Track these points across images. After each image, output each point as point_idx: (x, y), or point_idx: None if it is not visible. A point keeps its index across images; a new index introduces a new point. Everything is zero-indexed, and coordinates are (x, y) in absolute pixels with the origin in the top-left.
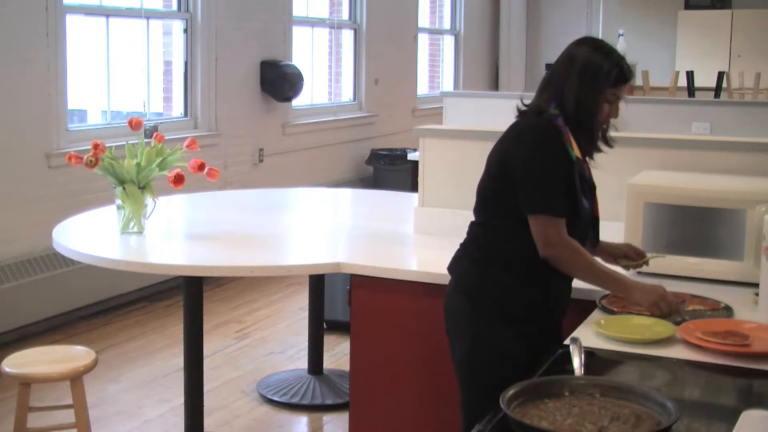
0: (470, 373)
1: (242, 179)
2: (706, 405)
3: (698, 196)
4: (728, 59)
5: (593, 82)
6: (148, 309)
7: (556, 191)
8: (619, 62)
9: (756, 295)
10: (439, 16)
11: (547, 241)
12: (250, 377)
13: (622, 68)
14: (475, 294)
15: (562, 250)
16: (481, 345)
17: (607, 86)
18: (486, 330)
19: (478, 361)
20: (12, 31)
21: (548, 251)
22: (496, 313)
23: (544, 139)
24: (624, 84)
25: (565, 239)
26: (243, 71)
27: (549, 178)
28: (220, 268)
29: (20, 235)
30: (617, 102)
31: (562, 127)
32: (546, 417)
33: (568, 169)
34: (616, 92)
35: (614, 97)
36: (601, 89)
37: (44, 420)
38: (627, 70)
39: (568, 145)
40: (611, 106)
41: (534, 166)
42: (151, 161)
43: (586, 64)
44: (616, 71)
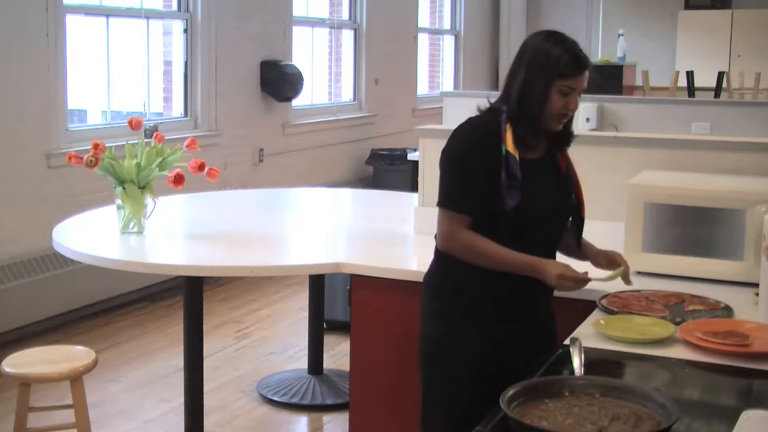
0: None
1: (242, 179)
2: (706, 405)
3: (698, 196)
4: (728, 59)
5: (540, 71)
6: (148, 309)
7: (456, 186)
8: (571, 50)
9: (756, 295)
10: (439, 16)
11: (442, 234)
12: (250, 377)
13: (574, 56)
14: (428, 286)
15: (455, 244)
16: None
17: (555, 75)
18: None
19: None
20: (12, 31)
21: (443, 244)
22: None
23: (459, 134)
24: (577, 74)
25: (458, 234)
26: (243, 71)
27: (453, 173)
28: (220, 268)
29: (20, 235)
30: (573, 94)
31: (502, 121)
32: (546, 417)
33: (491, 164)
34: (569, 83)
35: (567, 88)
36: (549, 78)
37: (44, 420)
38: (580, 59)
39: (500, 140)
40: (566, 98)
41: (443, 161)
42: (151, 161)
43: (534, 53)
44: (567, 58)
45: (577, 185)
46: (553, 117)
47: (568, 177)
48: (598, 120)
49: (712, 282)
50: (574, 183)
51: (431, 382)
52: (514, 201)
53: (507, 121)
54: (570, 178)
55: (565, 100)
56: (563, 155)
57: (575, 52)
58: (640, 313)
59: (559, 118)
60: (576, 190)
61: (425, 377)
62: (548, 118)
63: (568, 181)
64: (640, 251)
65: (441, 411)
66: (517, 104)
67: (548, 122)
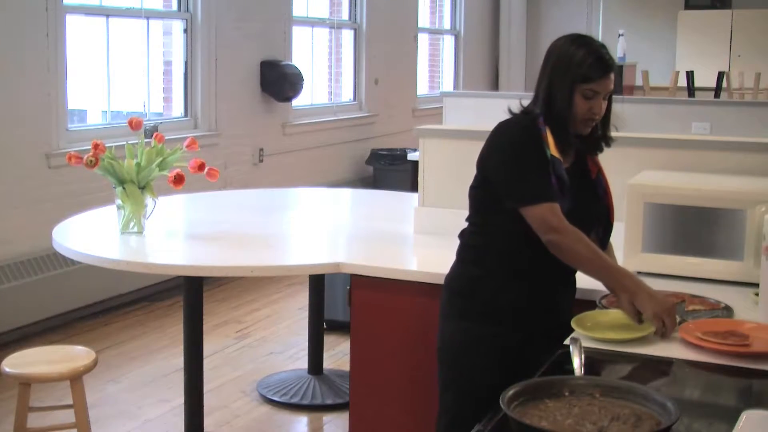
0: (441, 365)
1: (242, 179)
2: (706, 405)
3: (698, 196)
4: (728, 59)
5: (564, 74)
6: (148, 309)
7: (541, 180)
8: (595, 52)
9: (756, 295)
10: (439, 16)
11: (549, 226)
12: (250, 377)
13: (597, 58)
14: (448, 287)
15: (566, 235)
16: (449, 337)
17: (577, 79)
18: (455, 323)
19: (447, 355)
20: (12, 31)
21: (550, 236)
22: (462, 307)
23: (508, 133)
24: (600, 77)
25: (568, 224)
26: (243, 71)
27: (530, 168)
28: (220, 268)
29: (20, 235)
30: (597, 97)
31: (541, 125)
32: (546, 417)
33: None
34: (592, 87)
35: (590, 92)
36: (572, 82)
37: (44, 420)
38: (603, 61)
39: (545, 143)
40: (590, 101)
41: (512, 161)
42: (151, 161)
43: (558, 56)
44: (589, 61)
45: (608, 190)
46: (578, 121)
47: (598, 183)
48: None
49: (712, 282)
50: (605, 188)
51: (445, 384)
52: (567, 204)
53: (546, 124)
54: (600, 184)
55: (589, 104)
56: (593, 160)
57: (599, 54)
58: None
59: (586, 123)
60: (606, 195)
61: (440, 378)
62: (575, 122)
63: (598, 186)
64: (640, 251)
65: (455, 413)
66: (545, 109)
67: (575, 126)
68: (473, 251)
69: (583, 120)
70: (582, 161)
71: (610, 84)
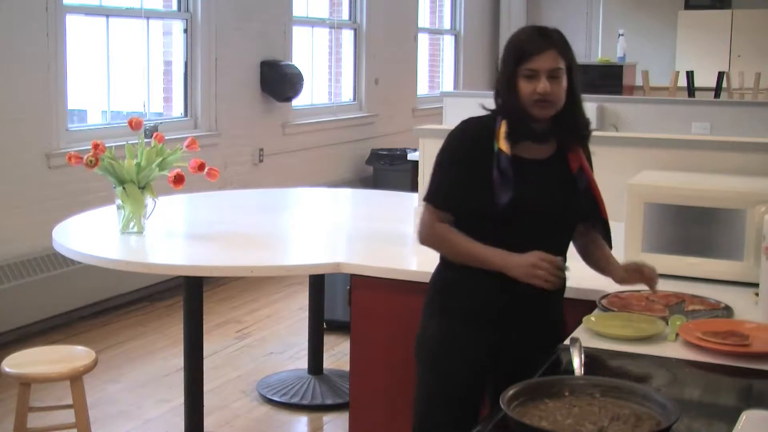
0: (417, 362)
1: (242, 179)
2: (706, 405)
3: (698, 196)
4: (728, 59)
5: (507, 60)
6: (148, 309)
7: (440, 182)
8: (533, 32)
9: (756, 295)
10: (439, 16)
11: (420, 226)
12: (250, 377)
13: (528, 37)
14: (430, 287)
15: (428, 237)
16: (427, 334)
17: (517, 60)
18: (431, 320)
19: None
20: (12, 31)
21: (420, 237)
22: (441, 305)
23: (453, 133)
24: (533, 55)
25: (432, 227)
26: (243, 71)
27: (441, 170)
28: (220, 268)
29: (20, 235)
30: (539, 76)
31: (498, 119)
32: (546, 417)
33: (483, 163)
34: (530, 66)
35: (529, 71)
36: (514, 66)
37: (44, 420)
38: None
39: (495, 138)
40: (533, 82)
41: (436, 159)
42: (151, 161)
43: (506, 46)
44: (525, 39)
45: (593, 186)
46: (528, 104)
47: (579, 177)
48: (598, 120)
49: (712, 282)
50: (588, 184)
51: (421, 380)
52: (507, 196)
53: (502, 118)
54: (581, 179)
55: (532, 85)
56: (575, 155)
57: (535, 32)
58: (633, 311)
59: (536, 105)
60: (591, 191)
61: (417, 375)
62: (526, 107)
63: (579, 181)
64: (640, 251)
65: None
66: (499, 98)
67: (530, 111)
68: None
69: (531, 102)
70: (561, 157)
71: (551, 62)
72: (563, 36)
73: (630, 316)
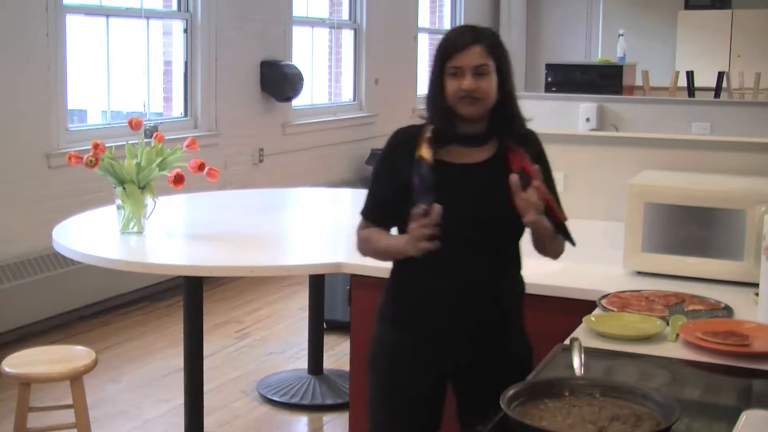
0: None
1: (242, 179)
2: (706, 405)
3: (698, 196)
4: (728, 59)
5: (434, 61)
6: (148, 309)
7: (369, 195)
8: (453, 30)
9: (756, 295)
10: (439, 16)
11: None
12: (250, 377)
13: (456, 33)
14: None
15: (359, 246)
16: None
17: (442, 58)
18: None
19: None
20: (12, 31)
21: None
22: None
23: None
24: (457, 51)
25: (358, 235)
26: (243, 71)
27: (371, 182)
28: (220, 268)
29: (20, 235)
30: (463, 73)
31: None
32: (546, 417)
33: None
34: (454, 63)
35: (454, 69)
36: (440, 65)
37: (44, 420)
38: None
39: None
40: (458, 79)
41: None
42: (151, 161)
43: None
44: (446, 39)
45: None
46: (454, 102)
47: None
48: (598, 120)
49: (712, 282)
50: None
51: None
52: (426, 203)
53: (430, 121)
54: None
55: (458, 82)
56: (515, 156)
57: (458, 29)
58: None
59: (462, 102)
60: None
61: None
62: (455, 104)
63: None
64: (640, 251)
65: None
66: (427, 102)
67: (457, 109)
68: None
69: (457, 100)
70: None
71: (476, 58)
72: (495, 34)
73: (630, 316)
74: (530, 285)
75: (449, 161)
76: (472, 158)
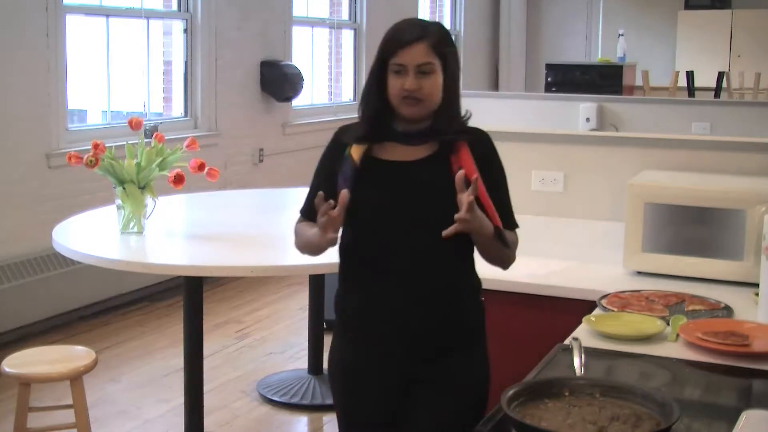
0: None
1: (242, 179)
2: (706, 405)
3: (698, 196)
4: (728, 59)
5: (377, 56)
6: (148, 309)
7: (308, 194)
8: (397, 25)
9: (756, 295)
10: (439, 16)
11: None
12: (250, 377)
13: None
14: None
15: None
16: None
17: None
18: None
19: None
20: (12, 31)
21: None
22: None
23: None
24: (400, 48)
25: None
26: (243, 71)
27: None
28: (220, 268)
29: (20, 235)
30: (406, 71)
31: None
32: (546, 417)
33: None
34: (397, 60)
35: (397, 66)
36: (383, 60)
37: (44, 420)
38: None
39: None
40: (401, 77)
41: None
42: (151, 161)
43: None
44: (389, 35)
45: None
46: (396, 102)
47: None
48: (598, 120)
49: (712, 282)
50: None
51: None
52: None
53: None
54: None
55: (400, 80)
56: (457, 157)
57: (402, 26)
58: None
59: (403, 102)
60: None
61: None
62: (396, 104)
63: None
64: (640, 251)
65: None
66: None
67: (399, 109)
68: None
69: (399, 100)
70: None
71: (420, 56)
72: (443, 30)
73: (630, 316)
74: (530, 285)
75: (384, 158)
76: (408, 156)
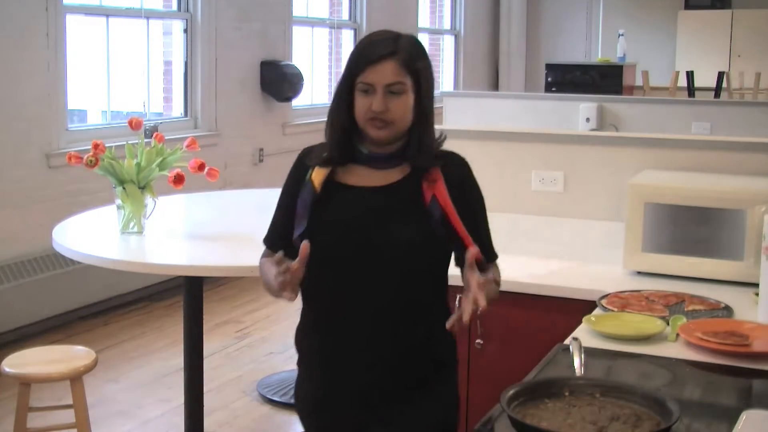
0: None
1: (242, 179)
2: (706, 405)
3: (698, 196)
4: (728, 59)
5: (343, 75)
6: (148, 309)
7: (271, 221)
8: (365, 41)
9: (756, 295)
10: (439, 16)
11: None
12: (250, 377)
13: (368, 44)
14: None
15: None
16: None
17: (352, 71)
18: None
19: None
20: (12, 31)
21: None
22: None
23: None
24: (367, 66)
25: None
26: (243, 71)
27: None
28: (220, 268)
29: (20, 235)
30: (374, 91)
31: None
32: (546, 417)
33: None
34: (363, 79)
35: (364, 84)
36: (350, 78)
37: (44, 420)
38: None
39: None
40: (368, 97)
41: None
42: (151, 161)
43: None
44: (357, 52)
45: (451, 220)
46: (363, 123)
47: (432, 209)
48: (598, 120)
49: (712, 282)
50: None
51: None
52: (299, 230)
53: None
54: (434, 212)
55: (368, 100)
56: (430, 184)
57: (366, 43)
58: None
59: (370, 123)
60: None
61: None
62: (363, 125)
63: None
64: (640, 251)
65: None
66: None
67: (366, 131)
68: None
69: (365, 120)
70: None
71: (389, 75)
72: (416, 44)
73: (630, 316)
74: (530, 285)
75: (348, 183)
76: (375, 181)
